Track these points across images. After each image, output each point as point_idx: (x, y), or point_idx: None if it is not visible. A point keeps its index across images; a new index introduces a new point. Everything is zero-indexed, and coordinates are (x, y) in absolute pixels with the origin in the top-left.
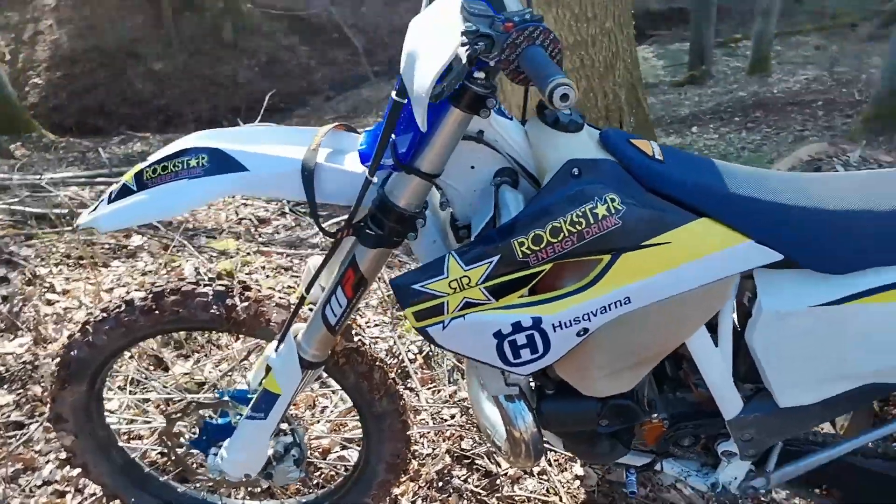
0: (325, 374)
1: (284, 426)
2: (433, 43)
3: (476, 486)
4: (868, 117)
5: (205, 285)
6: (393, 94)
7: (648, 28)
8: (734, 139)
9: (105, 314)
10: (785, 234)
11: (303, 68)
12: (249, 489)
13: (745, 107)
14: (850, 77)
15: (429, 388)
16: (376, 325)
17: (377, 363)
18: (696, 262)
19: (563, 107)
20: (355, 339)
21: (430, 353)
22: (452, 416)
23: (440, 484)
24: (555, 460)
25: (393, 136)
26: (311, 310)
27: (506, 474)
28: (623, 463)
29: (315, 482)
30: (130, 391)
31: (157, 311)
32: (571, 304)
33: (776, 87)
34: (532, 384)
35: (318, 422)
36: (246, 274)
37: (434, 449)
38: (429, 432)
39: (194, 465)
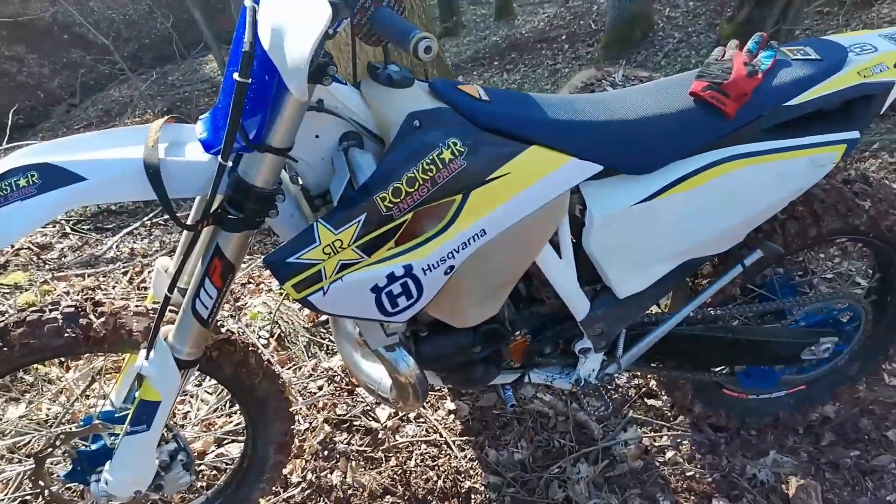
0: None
1: (165, 433)
2: (299, 15)
3: (360, 446)
4: (606, 44)
5: (51, 310)
6: (235, 76)
7: None
8: (497, 82)
9: None
10: (600, 147)
11: (36, 78)
12: None
13: (500, 50)
14: (584, 10)
15: (289, 368)
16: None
17: (251, 348)
18: (534, 186)
19: (427, 58)
20: (223, 329)
21: (282, 335)
22: (320, 388)
23: (325, 453)
24: (427, 402)
25: None
26: (173, 311)
27: (385, 427)
28: (496, 384)
29: (199, 486)
30: None
31: (5, 349)
32: (436, 246)
33: (524, 28)
34: (406, 332)
35: (184, 427)
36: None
37: (311, 422)
38: (301, 408)
39: (70, 500)
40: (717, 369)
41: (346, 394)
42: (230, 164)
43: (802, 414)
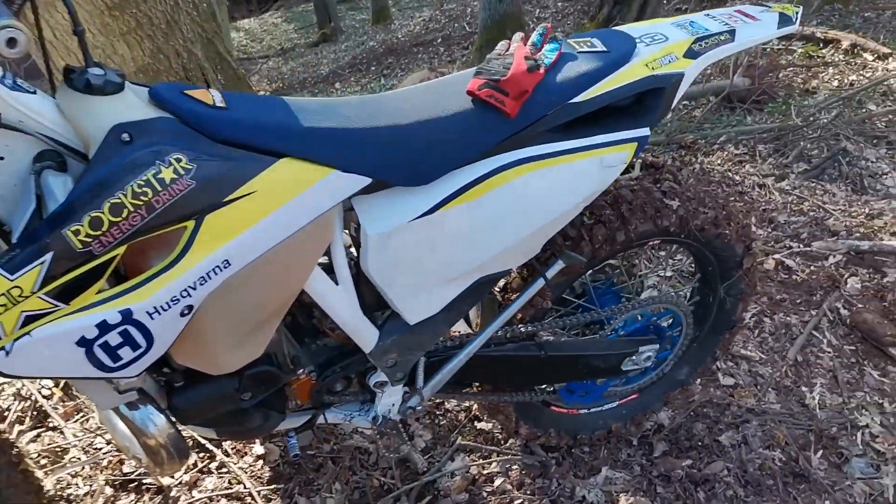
0: None
1: None
2: None
3: None
4: (480, 46)
5: None
6: None
7: None
8: (375, 87)
9: None
10: (367, 157)
11: None
12: None
13: (377, 55)
14: (458, 13)
15: (76, 421)
16: None
17: None
18: (288, 206)
19: (12, 54)
20: None
21: (69, 383)
22: (109, 443)
23: None
24: (232, 449)
25: None
26: None
27: (181, 482)
28: (284, 429)
29: None
30: None
31: None
32: (164, 284)
33: (400, 33)
34: (161, 382)
35: None
36: None
37: (91, 485)
38: (83, 468)
39: None
40: (537, 389)
41: None
42: None
43: (636, 424)
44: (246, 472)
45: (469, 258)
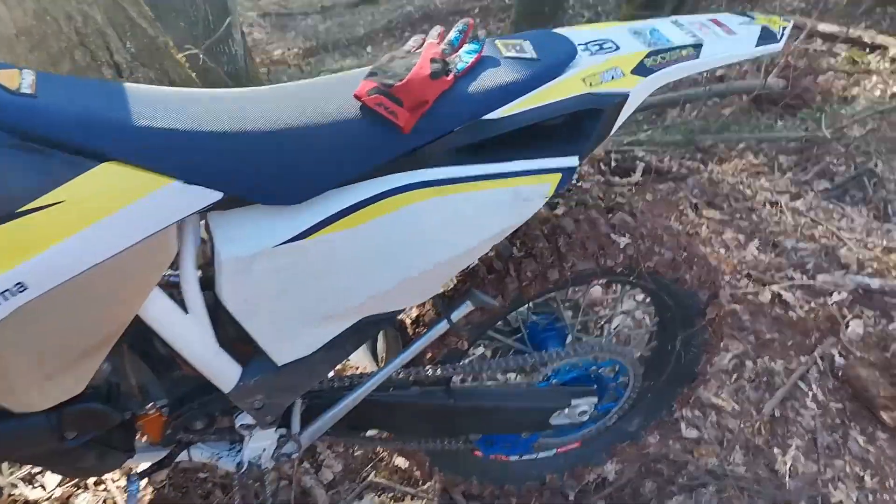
0: None
1: None
2: None
3: None
4: (517, 19)
5: None
6: None
7: None
8: None
9: None
10: (218, 166)
11: None
12: None
13: (413, 21)
14: None
15: None
16: None
17: None
18: (108, 221)
19: None
20: None
21: None
22: None
23: None
24: None
25: None
26: None
27: (51, 497)
28: (136, 465)
29: None
30: None
31: None
32: None
33: (439, 0)
34: None
35: None
36: None
37: None
38: None
39: None
40: (447, 439)
41: None
42: None
43: (575, 476)
44: (124, 493)
45: (348, 295)
